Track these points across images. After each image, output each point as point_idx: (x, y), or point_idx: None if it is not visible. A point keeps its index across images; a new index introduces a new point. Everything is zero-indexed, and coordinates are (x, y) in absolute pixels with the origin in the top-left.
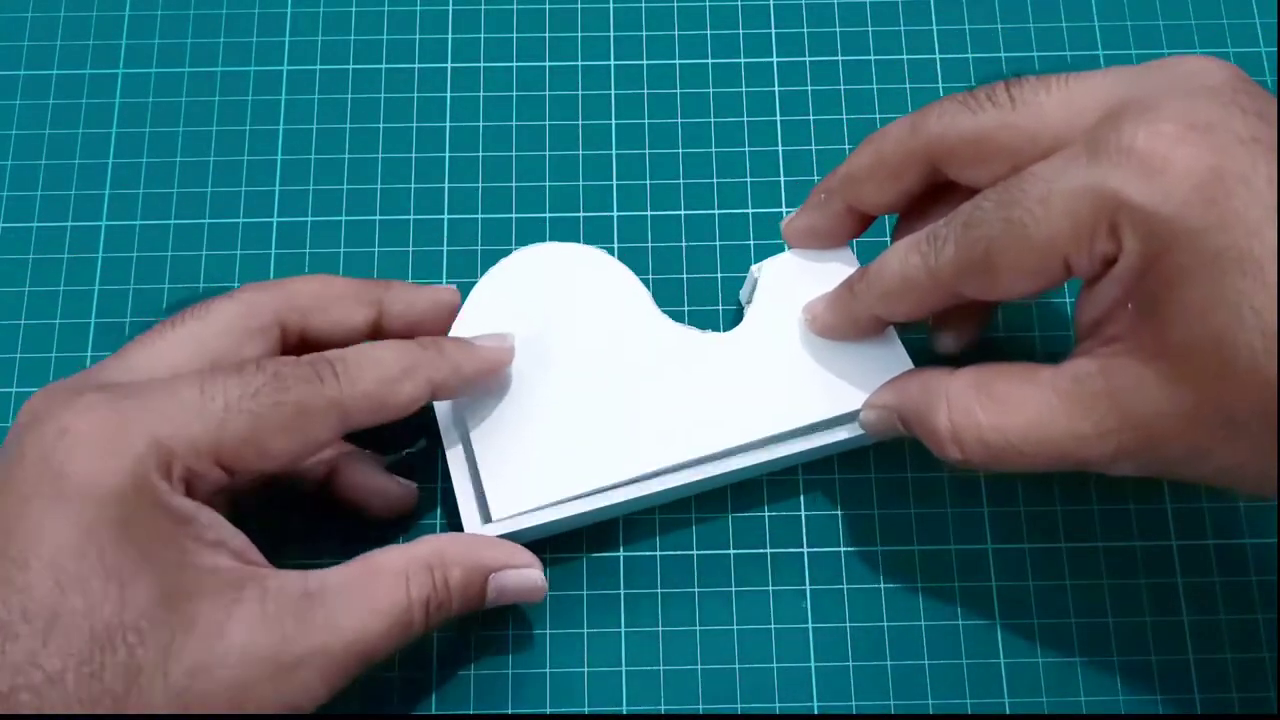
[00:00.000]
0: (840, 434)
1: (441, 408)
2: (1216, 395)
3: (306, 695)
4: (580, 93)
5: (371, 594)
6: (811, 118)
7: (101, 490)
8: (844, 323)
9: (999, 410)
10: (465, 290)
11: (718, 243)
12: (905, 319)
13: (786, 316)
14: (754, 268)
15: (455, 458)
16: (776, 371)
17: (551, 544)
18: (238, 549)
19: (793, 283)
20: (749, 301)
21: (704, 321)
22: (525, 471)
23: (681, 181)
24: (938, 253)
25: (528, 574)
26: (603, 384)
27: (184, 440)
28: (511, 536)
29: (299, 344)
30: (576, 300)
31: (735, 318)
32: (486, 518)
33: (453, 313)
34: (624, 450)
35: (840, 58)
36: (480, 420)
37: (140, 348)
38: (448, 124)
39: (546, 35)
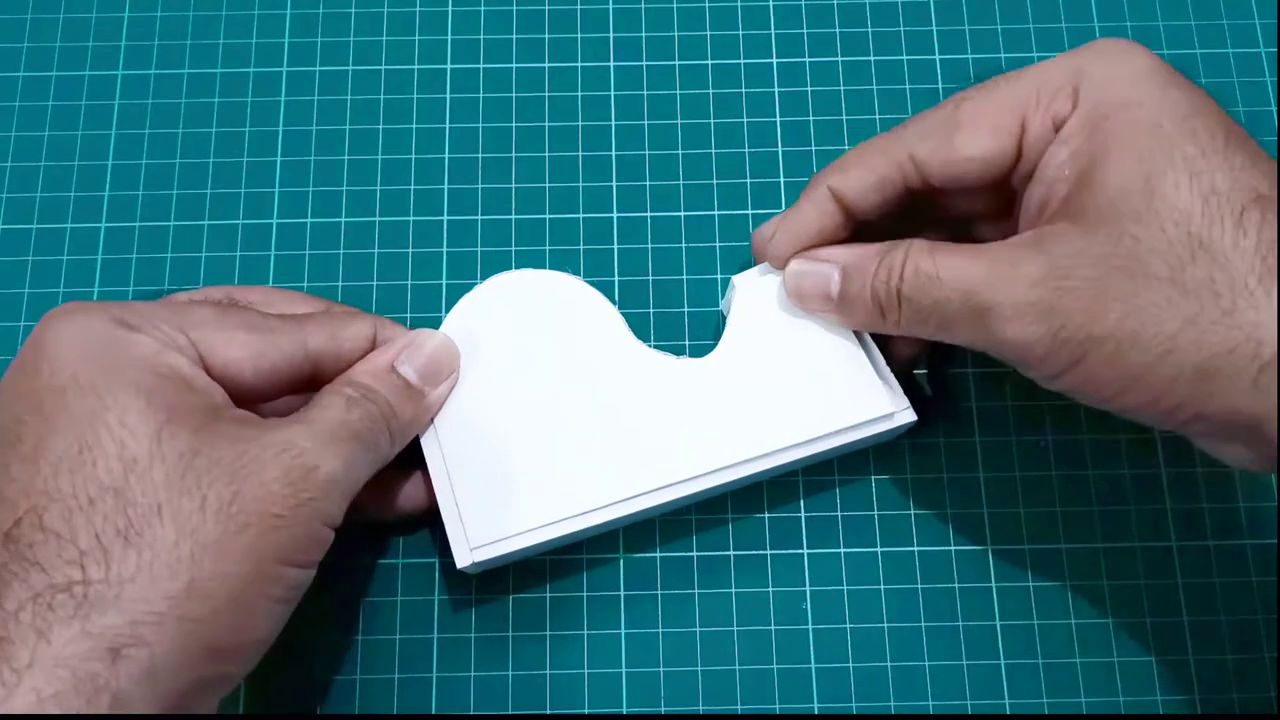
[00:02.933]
0: (805, 451)
1: (428, 442)
2: (1133, 234)
3: (310, 458)
4: (580, 94)
5: (309, 408)
6: (811, 119)
7: (71, 337)
8: (802, 202)
9: (940, 256)
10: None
11: (718, 244)
12: (854, 187)
13: (760, 340)
14: (734, 279)
15: (443, 491)
16: (750, 398)
17: None
18: (210, 391)
19: (765, 304)
20: (729, 313)
21: (704, 322)
22: (502, 500)
23: (681, 183)
24: (911, 120)
25: (419, 343)
26: (578, 411)
27: (147, 311)
28: (495, 561)
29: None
30: (551, 327)
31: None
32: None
33: (371, 344)
34: (600, 477)
35: (840, 58)
36: (458, 450)
37: None
38: (447, 125)
39: (546, 36)
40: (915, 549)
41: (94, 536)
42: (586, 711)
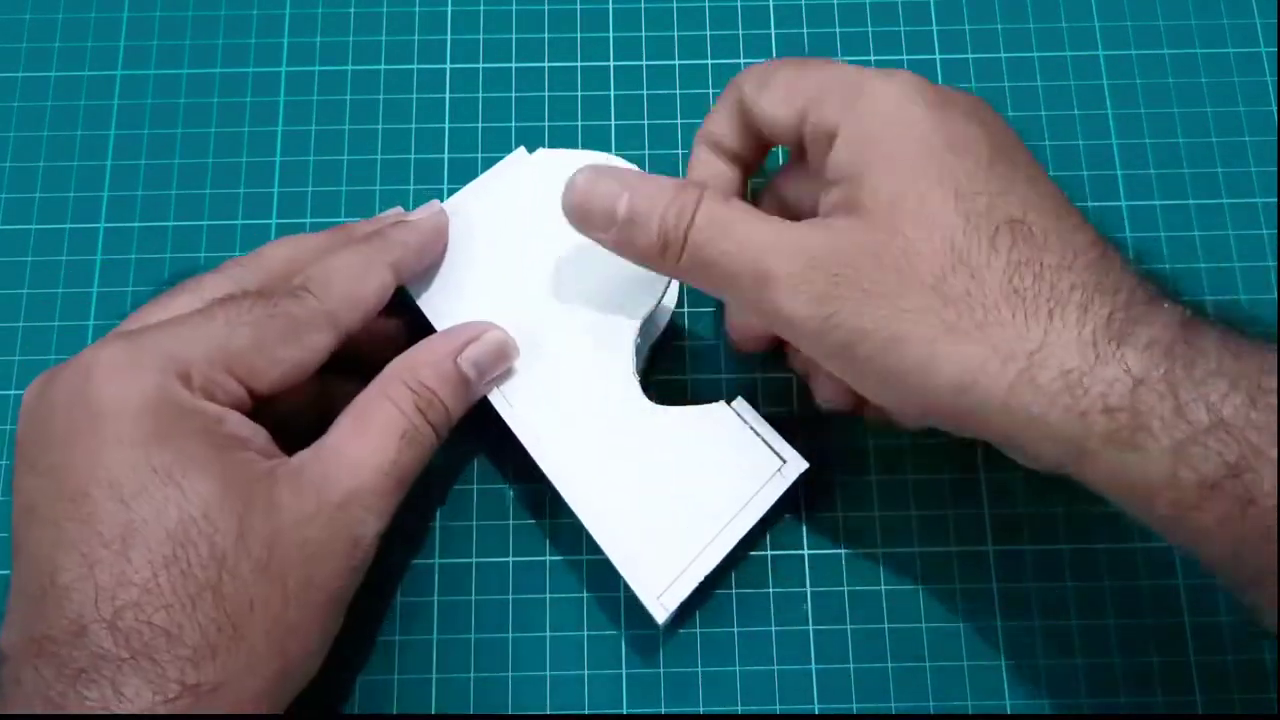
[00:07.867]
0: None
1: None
2: (907, 236)
3: (363, 527)
4: (579, 94)
5: (368, 426)
6: None
7: (133, 406)
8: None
9: (736, 212)
10: None
11: None
12: (721, 131)
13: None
14: None
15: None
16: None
17: (551, 547)
18: (262, 446)
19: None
20: None
21: (703, 323)
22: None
23: None
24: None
25: (487, 339)
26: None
27: (196, 353)
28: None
29: None
30: None
31: None
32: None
33: (443, 233)
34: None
35: (840, 59)
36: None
37: (145, 310)
38: (446, 125)
39: (546, 36)
40: (916, 550)
41: (200, 634)
42: (587, 712)
